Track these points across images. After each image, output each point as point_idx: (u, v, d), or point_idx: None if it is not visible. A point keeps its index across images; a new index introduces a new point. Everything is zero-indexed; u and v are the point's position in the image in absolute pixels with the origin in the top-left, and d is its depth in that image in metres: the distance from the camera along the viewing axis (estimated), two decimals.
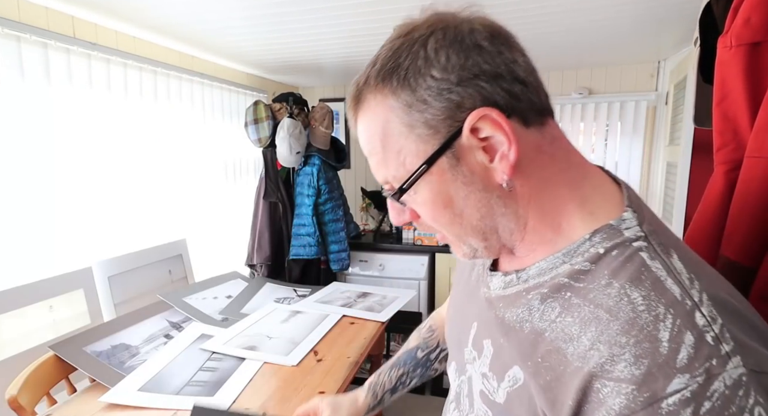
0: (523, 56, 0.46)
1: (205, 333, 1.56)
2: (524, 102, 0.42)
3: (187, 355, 1.41)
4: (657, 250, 0.38)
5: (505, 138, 0.40)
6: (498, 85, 0.41)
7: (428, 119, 0.41)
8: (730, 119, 0.55)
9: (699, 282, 0.36)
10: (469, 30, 0.43)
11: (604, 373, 0.35)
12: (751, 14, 0.51)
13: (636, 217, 0.41)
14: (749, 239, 0.49)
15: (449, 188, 0.43)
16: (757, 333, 0.35)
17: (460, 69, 0.40)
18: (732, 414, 0.31)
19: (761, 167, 0.48)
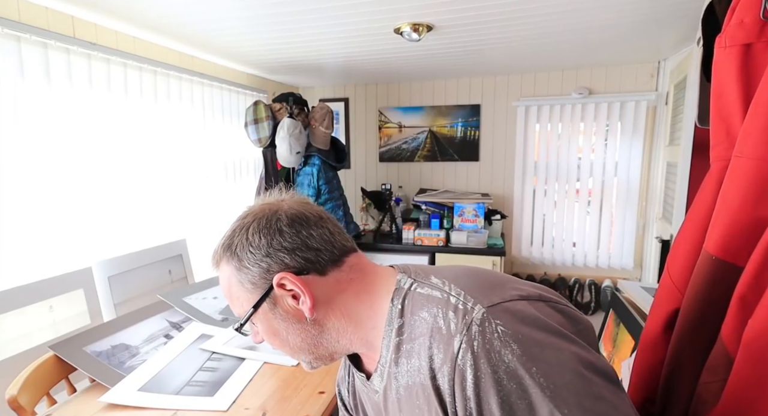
0: (318, 229, 0.61)
1: (205, 333, 1.56)
2: (318, 261, 0.60)
3: (187, 355, 1.41)
4: (420, 280, 0.59)
5: (300, 291, 0.59)
6: (295, 255, 0.59)
7: (250, 278, 0.60)
8: (724, 118, 0.56)
9: (448, 280, 0.56)
10: (276, 219, 0.61)
11: (436, 372, 0.52)
12: (744, 16, 0.51)
13: (404, 274, 0.61)
14: (725, 234, 0.50)
15: (273, 324, 0.62)
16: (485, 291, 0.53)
17: (267, 247, 0.59)
18: (489, 340, 0.47)
19: (742, 167, 0.49)
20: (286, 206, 0.63)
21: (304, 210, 0.63)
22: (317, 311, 0.61)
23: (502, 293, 0.53)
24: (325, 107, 2.53)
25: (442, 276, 0.58)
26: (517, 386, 0.46)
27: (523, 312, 0.50)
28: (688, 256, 0.61)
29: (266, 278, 0.60)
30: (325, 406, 1.21)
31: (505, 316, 0.49)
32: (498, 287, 0.54)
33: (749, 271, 0.47)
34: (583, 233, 3.04)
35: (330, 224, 0.63)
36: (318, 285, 0.60)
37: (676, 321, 0.62)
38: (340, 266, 0.62)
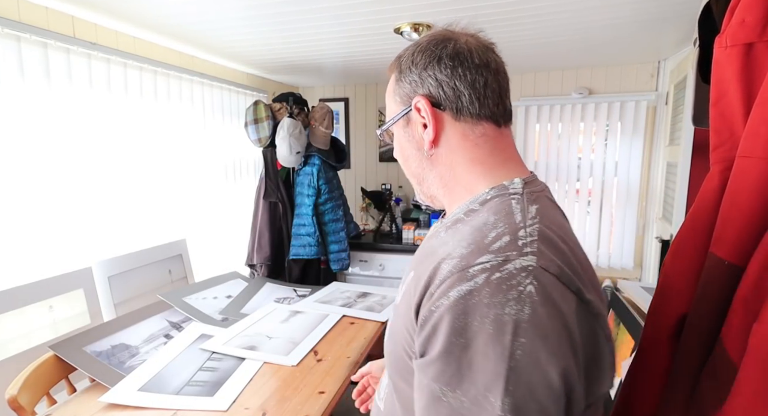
0: (476, 76, 0.60)
1: (205, 333, 1.56)
2: (459, 104, 0.60)
3: (187, 355, 1.42)
4: (523, 199, 0.55)
5: (428, 121, 0.61)
6: (440, 86, 0.60)
7: (401, 93, 0.65)
8: (727, 119, 0.55)
9: (539, 220, 0.52)
10: (443, 47, 0.61)
11: (447, 256, 0.51)
12: (746, 15, 0.51)
13: (523, 183, 0.58)
14: (739, 237, 0.49)
15: (402, 140, 0.68)
16: (561, 257, 0.49)
17: (422, 69, 0.61)
18: (510, 285, 0.45)
19: (752, 167, 0.48)
20: (464, 40, 0.61)
21: (477, 50, 0.60)
22: (435, 149, 0.63)
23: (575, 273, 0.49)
24: (325, 107, 2.53)
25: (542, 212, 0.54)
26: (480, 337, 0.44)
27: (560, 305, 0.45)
28: (693, 260, 0.60)
29: (411, 97, 0.63)
30: (325, 406, 1.22)
31: (545, 288, 0.45)
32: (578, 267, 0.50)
33: (751, 273, 0.46)
34: (583, 233, 3.04)
35: (494, 80, 0.60)
36: (447, 126, 0.61)
37: (679, 327, 0.61)
38: (475, 124, 0.61)
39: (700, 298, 0.56)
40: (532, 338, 0.43)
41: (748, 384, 0.44)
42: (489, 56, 0.61)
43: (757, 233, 0.48)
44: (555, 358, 0.43)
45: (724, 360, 0.49)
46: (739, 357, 0.46)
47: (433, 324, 0.48)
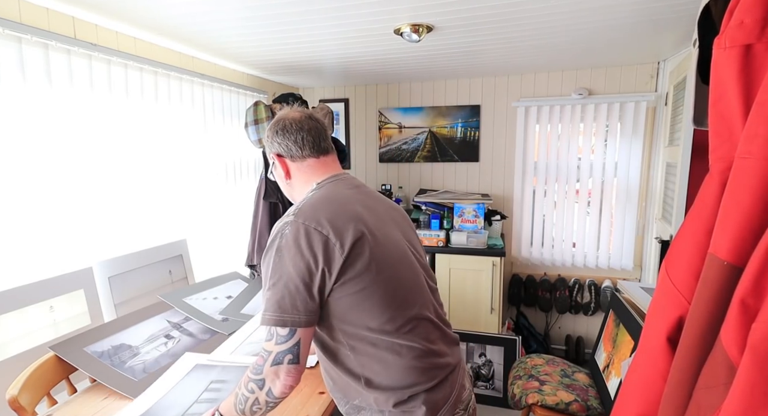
0: (295, 136, 1.06)
1: (199, 363, 1.42)
2: (291, 153, 1.07)
3: (183, 387, 1.29)
4: (313, 192, 1.03)
5: (281, 165, 1.09)
6: (279, 145, 1.08)
7: (268, 151, 1.12)
8: (726, 120, 0.56)
9: (308, 199, 0.99)
10: (277, 123, 1.09)
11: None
12: (745, 16, 0.51)
13: (316, 184, 1.06)
14: (738, 238, 0.50)
15: (278, 177, 1.13)
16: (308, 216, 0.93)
17: (271, 139, 1.09)
18: (280, 230, 0.92)
19: (751, 167, 0.48)
20: (290, 116, 1.08)
21: (295, 121, 1.07)
22: (289, 179, 1.11)
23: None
24: (325, 108, 2.53)
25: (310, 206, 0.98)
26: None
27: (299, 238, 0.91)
28: (693, 261, 0.60)
29: (271, 153, 1.10)
30: (325, 406, 1.22)
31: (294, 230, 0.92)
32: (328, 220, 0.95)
33: (749, 274, 0.46)
34: (582, 234, 3.05)
35: (308, 134, 1.06)
36: (290, 165, 1.09)
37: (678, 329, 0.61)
38: (302, 161, 1.08)
39: (699, 298, 0.56)
40: (282, 253, 0.90)
41: (747, 384, 0.44)
42: (303, 123, 1.07)
43: (756, 234, 0.48)
44: (291, 262, 0.89)
45: (723, 360, 0.49)
46: (738, 357, 0.47)
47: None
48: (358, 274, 0.90)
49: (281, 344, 0.87)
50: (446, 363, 0.99)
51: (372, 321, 0.91)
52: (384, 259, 0.94)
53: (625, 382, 0.72)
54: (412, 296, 0.98)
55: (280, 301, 0.87)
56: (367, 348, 0.92)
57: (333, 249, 0.89)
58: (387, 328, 0.92)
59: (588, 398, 1.79)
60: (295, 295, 0.87)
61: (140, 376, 1.37)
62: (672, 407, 0.58)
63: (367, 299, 0.91)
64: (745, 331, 0.46)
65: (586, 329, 3.11)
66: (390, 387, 0.92)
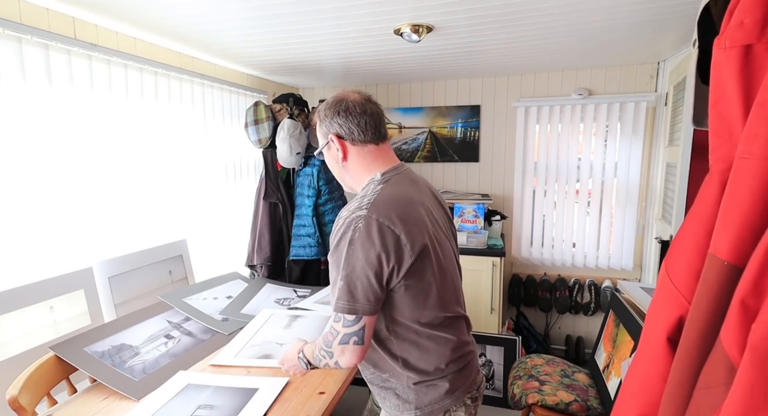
0: (358, 119, 1.08)
1: (191, 382, 1.35)
2: (353, 136, 1.08)
3: (168, 411, 1.22)
4: (377, 183, 1.07)
5: (338, 147, 1.09)
6: (341, 126, 1.08)
7: (323, 132, 1.12)
8: (726, 120, 0.56)
9: (379, 192, 1.02)
10: (339, 104, 1.08)
11: (337, 220, 1.03)
12: (745, 17, 0.51)
13: (381, 174, 1.09)
14: (738, 238, 0.50)
15: (328, 157, 1.15)
16: (380, 211, 0.97)
17: (330, 119, 1.09)
18: (353, 222, 0.97)
19: (751, 167, 0.48)
20: (351, 98, 1.10)
21: (358, 103, 1.09)
22: (345, 162, 1.12)
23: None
24: None
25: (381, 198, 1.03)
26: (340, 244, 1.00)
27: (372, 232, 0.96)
28: (693, 260, 0.60)
29: (327, 134, 1.11)
30: (325, 406, 1.22)
31: (367, 224, 0.97)
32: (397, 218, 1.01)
33: (749, 274, 0.46)
34: (582, 234, 3.05)
35: (371, 120, 1.09)
36: (349, 149, 1.10)
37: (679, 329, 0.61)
38: (363, 146, 1.10)
39: (699, 298, 0.56)
40: (356, 245, 0.96)
41: (747, 384, 0.44)
42: (366, 106, 1.09)
43: (756, 234, 0.48)
44: (364, 254, 0.95)
45: (723, 361, 0.49)
46: (738, 358, 0.47)
47: (330, 240, 1.03)
48: (420, 276, 1.01)
49: (348, 327, 0.98)
50: (471, 351, 1.14)
51: (421, 316, 1.03)
52: (441, 266, 1.06)
53: (625, 382, 0.72)
54: (455, 296, 1.12)
55: (353, 290, 0.96)
56: (410, 335, 1.05)
57: (404, 249, 0.98)
58: (433, 323, 1.04)
59: (588, 398, 1.79)
60: (366, 286, 0.96)
61: (140, 376, 1.37)
62: (672, 407, 0.58)
63: (422, 298, 1.02)
64: (745, 331, 0.46)
65: (586, 329, 3.11)
66: (425, 370, 1.06)
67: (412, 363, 1.05)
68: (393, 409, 1.11)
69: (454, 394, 1.08)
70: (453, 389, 1.08)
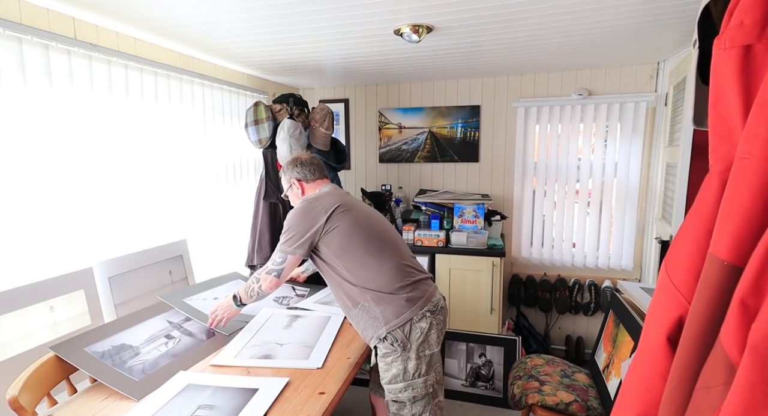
0: (308, 167, 1.73)
1: (192, 383, 1.35)
2: (306, 177, 1.73)
3: (169, 411, 1.21)
4: (314, 195, 1.72)
5: (298, 186, 1.74)
6: (299, 173, 1.73)
7: (287, 177, 1.76)
8: (725, 120, 0.56)
9: (318, 194, 1.70)
10: (295, 159, 1.75)
11: None
12: (744, 17, 0.51)
13: (320, 191, 1.68)
14: (737, 238, 0.50)
15: (291, 193, 1.77)
16: (319, 202, 1.62)
17: (291, 169, 1.75)
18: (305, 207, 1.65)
19: (751, 168, 0.48)
20: (303, 156, 1.75)
21: (307, 158, 1.74)
22: (304, 194, 1.69)
23: None
24: (325, 108, 2.53)
25: None
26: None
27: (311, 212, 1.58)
28: (693, 261, 0.60)
29: (290, 178, 1.71)
30: (325, 406, 1.22)
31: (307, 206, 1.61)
32: None
33: (749, 274, 0.46)
34: (582, 234, 3.05)
35: (317, 166, 1.73)
36: (305, 186, 1.71)
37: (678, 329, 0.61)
38: (314, 182, 1.71)
39: (699, 298, 0.56)
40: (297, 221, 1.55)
41: (747, 384, 0.44)
42: (312, 160, 1.74)
43: (755, 234, 0.48)
44: (303, 225, 1.54)
45: (723, 361, 0.49)
46: (738, 358, 0.47)
47: None
48: (338, 227, 1.52)
49: (277, 265, 1.56)
50: (418, 273, 1.57)
51: (358, 254, 1.51)
52: (358, 217, 1.57)
53: (624, 382, 0.72)
54: (390, 242, 1.58)
55: (288, 242, 1.54)
56: (359, 270, 1.50)
57: (320, 214, 1.53)
58: (372, 259, 1.51)
59: (588, 398, 1.79)
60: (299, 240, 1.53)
61: (140, 376, 1.37)
62: (672, 407, 0.58)
63: (351, 241, 1.52)
64: (745, 331, 0.46)
65: (586, 329, 3.11)
66: (378, 288, 1.48)
67: (369, 286, 1.48)
68: (373, 334, 1.47)
69: (411, 306, 1.46)
70: (410, 303, 1.47)
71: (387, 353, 1.47)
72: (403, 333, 1.44)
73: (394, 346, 1.44)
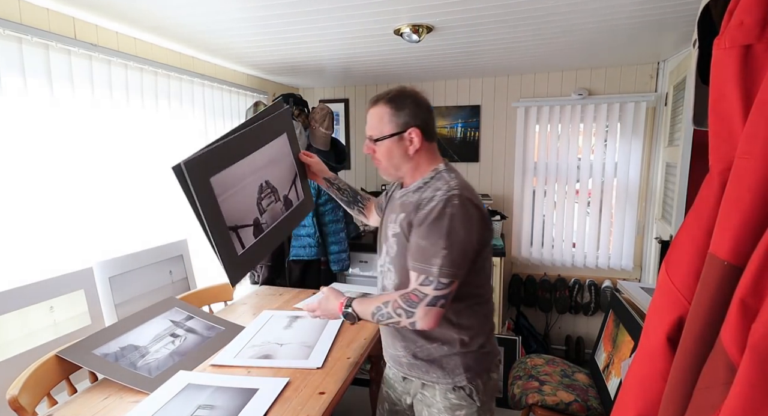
0: (431, 116, 1.21)
1: (192, 382, 1.33)
2: (427, 132, 1.18)
3: (168, 411, 1.20)
4: (447, 174, 1.17)
5: (418, 140, 1.15)
6: (421, 120, 1.16)
7: (398, 121, 1.16)
8: (725, 120, 0.56)
9: (456, 178, 1.15)
10: (415, 98, 1.19)
11: (426, 198, 1.12)
12: (744, 17, 0.51)
13: (445, 165, 1.20)
14: (737, 237, 0.50)
15: (393, 146, 1.17)
16: (468, 192, 1.12)
17: (412, 110, 1.16)
18: (449, 199, 1.08)
19: (750, 167, 0.48)
20: (420, 95, 1.21)
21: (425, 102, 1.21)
22: (417, 153, 1.18)
23: None
24: (325, 108, 2.53)
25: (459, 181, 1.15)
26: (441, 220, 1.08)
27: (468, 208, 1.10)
28: (693, 261, 0.60)
29: (408, 125, 1.16)
30: (325, 407, 1.22)
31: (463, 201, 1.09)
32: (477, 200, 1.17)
33: (749, 274, 0.46)
34: (582, 234, 3.05)
35: (432, 118, 1.22)
36: (425, 146, 1.18)
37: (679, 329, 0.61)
38: (429, 143, 1.20)
39: (699, 298, 0.56)
40: (457, 219, 1.06)
41: (747, 384, 0.44)
42: (429, 105, 1.22)
43: (755, 234, 0.48)
44: (463, 228, 1.06)
45: (723, 360, 0.49)
46: (738, 357, 0.47)
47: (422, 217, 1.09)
48: (488, 247, 1.19)
49: (440, 290, 1.06)
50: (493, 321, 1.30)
51: (481, 283, 1.18)
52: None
53: (624, 382, 0.72)
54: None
55: (455, 257, 1.05)
56: (470, 301, 1.17)
57: (487, 222, 1.14)
58: (485, 289, 1.21)
59: (588, 398, 1.79)
60: (466, 253, 1.08)
61: (155, 373, 1.39)
62: (672, 407, 0.58)
63: (486, 266, 1.20)
64: (745, 331, 0.46)
65: (586, 329, 3.11)
66: (476, 334, 1.17)
67: (466, 326, 1.16)
68: (442, 378, 1.17)
69: (493, 358, 1.22)
70: (494, 352, 1.23)
71: (457, 406, 1.16)
72: (489, 382, 1.20)
73: (473, 398, 1.16)
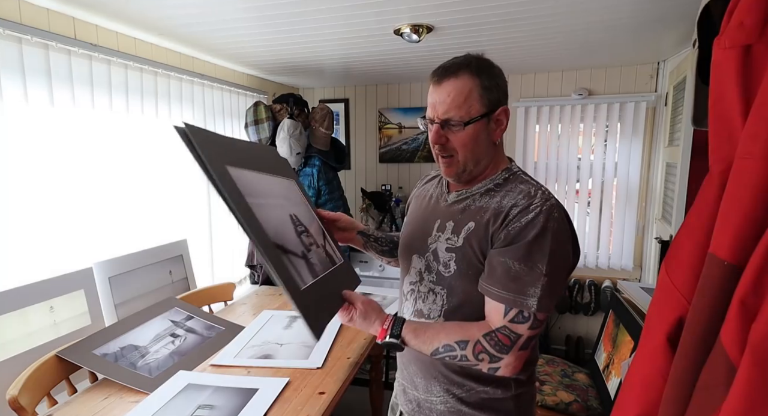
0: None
1: (192, 382, 1.33)
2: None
3: (168, 411, 1.20)
4: (526, 176, 0.95)
5: (506, 122, 0.92)
6: (507, 98, 0.93)
7: (491, 97, 0.89)
8: (725, 120, 0.56)
9: (549, 192, 0.90)
10: (502, 73, 0.95)
11: (513, 204, 0.87)
12: (744, 17, 0.51)
13: (515, 164, 0.98)
14: (737, 238, 0.50)
15: (480, 132, 0.89)
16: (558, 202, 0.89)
17: (504, 86, 0.92)
18: (550, 211, 0.84)
19: (750, 168, 0.48)
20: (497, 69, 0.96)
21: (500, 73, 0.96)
22: (500, 139, 0.94)
23: None
24: (325, 108, 2.53)
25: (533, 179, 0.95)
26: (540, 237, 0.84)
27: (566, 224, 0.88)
28: (693, 261, 0.60)
29: (498, 101, 0.90)
30: (325, 407, 1.22)
31: (562, 215, 0.87)
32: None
33: (749, 274, 0.46)
34: (582, 234, 3.04)
35: None
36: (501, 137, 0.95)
37: (679, 329, 0.61)
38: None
39: (699, 298, 0.56)
40: (559, 238, 0.84)
41: (747, 384, 0.44)
42: None
43: (755, 234, 0.48)
44: (562, 246, 0.85)
45: (723, 360, 0.49)
46: (738, 357, 0.47)
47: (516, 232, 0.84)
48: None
49: (534, 329, 0.82)
50: None
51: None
52: None
53: (625, 382, 0.72)
54: None
55: (556, 288, 0.82)
56: None
57: (577, 242, 0.92)
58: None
59: (588, 398, 1.79)
60: (562, 283, 0.86)
61: (155, 373, 1.38)
62: (672, 407, 0.58)
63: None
64: (745, 331, 0.46)
65: (586, 329, 3.11)
66: (527, 374, 0.96)
67: (530, 360, 0.93)
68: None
69: (535, 390, 1.02)
70: (536, 395, 1.06)
71: None
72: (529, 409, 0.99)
73: None
